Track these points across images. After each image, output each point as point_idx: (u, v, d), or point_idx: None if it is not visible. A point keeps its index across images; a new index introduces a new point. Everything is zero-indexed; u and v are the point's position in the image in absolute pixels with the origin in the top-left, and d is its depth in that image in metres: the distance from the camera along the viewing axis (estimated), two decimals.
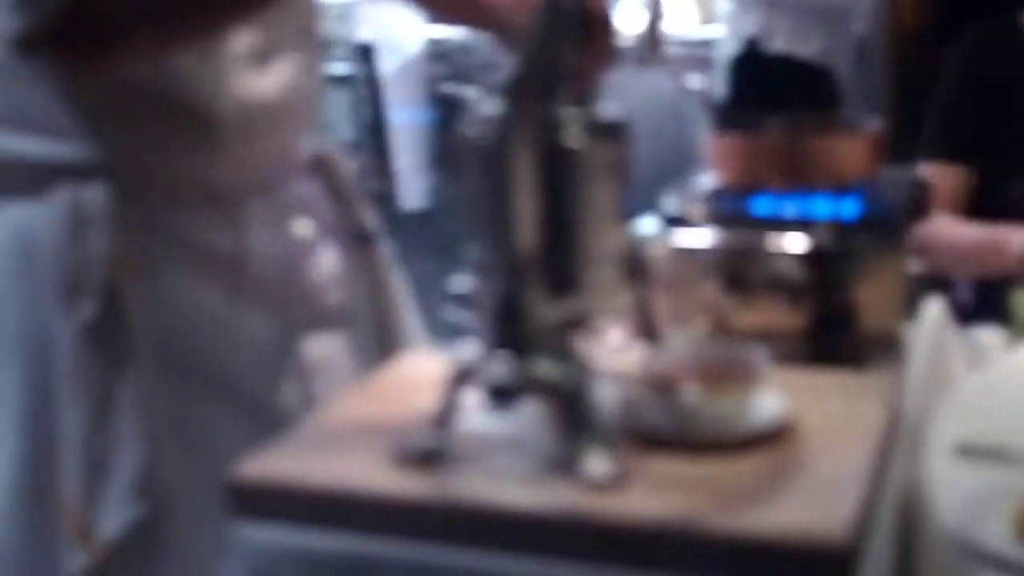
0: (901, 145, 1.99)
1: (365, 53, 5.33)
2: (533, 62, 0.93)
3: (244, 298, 1.30)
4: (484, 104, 0.92)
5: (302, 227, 1.38)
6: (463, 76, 4.85)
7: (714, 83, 3.93)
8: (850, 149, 1.32)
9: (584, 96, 0.94)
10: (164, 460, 1.23)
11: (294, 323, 1.35)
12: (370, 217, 1.47)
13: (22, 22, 1.15)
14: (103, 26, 1.16)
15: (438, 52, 5.26)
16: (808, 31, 3.69)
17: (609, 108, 0.97)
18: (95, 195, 1.23)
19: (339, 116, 5.67)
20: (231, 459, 0.96)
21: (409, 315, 1.51)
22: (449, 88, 5.01)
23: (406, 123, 5.30)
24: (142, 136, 1.26)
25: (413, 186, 5.28)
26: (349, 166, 1.47)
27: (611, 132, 0.96)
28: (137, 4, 1.17)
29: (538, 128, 0.92)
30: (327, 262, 1.40)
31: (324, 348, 1.37)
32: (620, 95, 1.02)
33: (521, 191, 0.92)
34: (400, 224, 5.29)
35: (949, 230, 2.27)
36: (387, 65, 5.28)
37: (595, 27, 1.23)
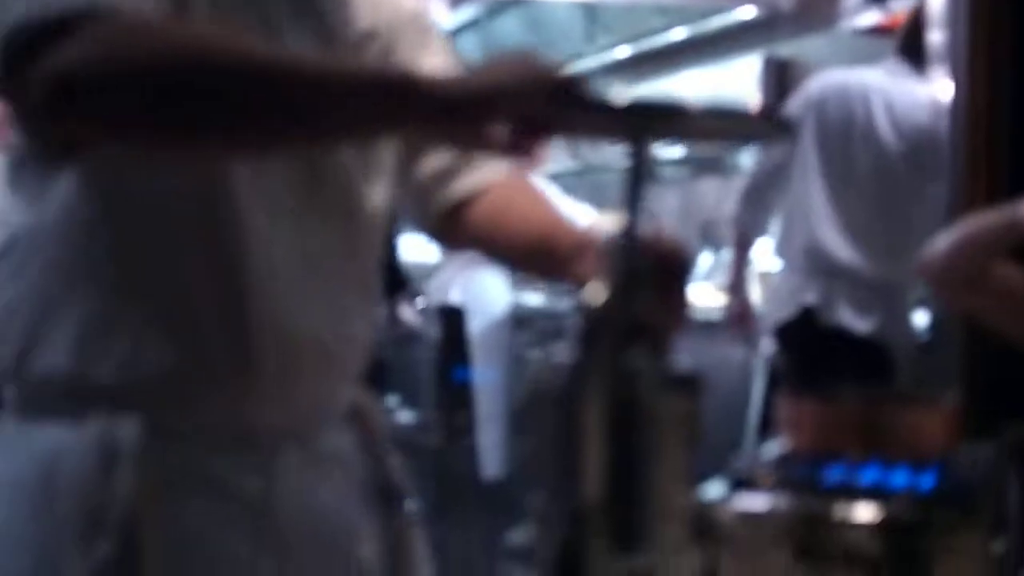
0: (980, 419, 1.94)
1: (453, 316, 5.42)
2: (606, 312, 0.93)
3: (268, 545, 1.27)
4: (556, 352, 0.93)
5: (333, 478, 1.35)
6: (546, 342, 4.91)
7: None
8: (929, 422, 1.30)
9: (657, 349, 0.94)
10: None
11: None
12: (399, 473, 1.44)
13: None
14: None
15: (522, 317, 5.34)
16: (867, 304, 3.70)
17: (682, 362, 0.96)
18: (128, 429, 1.21)
19: (424, 377, 5.73)
20: None
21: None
22: (533, 354, 5.06)
23: (489, 387, 5.33)
24: (182, 355, 1.24)
25: (493, 455, 5.28)
26: (383, 418, 1.46)
27: (684, 386, 0.95)
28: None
29: (610, 378, 0.91)
30: (354, 516, 1.37)
31: None
32: (690, 355, 1.02)
33: (590, 441, 0.90)
34: (481, 493, 5.26)
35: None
36: (473, 327, 5.36)
37: (669, 282, 1.23)
